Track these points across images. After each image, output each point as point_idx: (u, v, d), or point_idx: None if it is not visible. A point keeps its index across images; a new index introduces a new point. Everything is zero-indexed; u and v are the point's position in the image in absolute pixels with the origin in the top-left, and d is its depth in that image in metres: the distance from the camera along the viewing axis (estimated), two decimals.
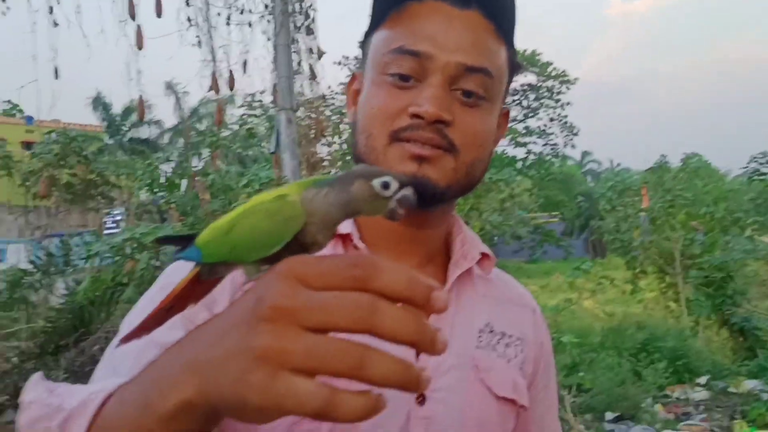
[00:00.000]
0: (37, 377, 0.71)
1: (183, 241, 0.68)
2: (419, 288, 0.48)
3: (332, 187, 0.61)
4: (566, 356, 7.69)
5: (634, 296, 13.37)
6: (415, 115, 0.91)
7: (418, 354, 0.91)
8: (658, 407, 7.61)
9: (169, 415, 0.53)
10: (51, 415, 0.65)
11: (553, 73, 36.73)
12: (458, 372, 0.97)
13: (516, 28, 1.01)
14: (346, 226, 0.98)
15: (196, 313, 0.75)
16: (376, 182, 0.60)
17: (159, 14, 4.71)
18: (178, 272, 0.86)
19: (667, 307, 12.27)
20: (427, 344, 0.48)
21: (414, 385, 0.47)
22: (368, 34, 1.02)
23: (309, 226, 0.60)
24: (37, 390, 0.69)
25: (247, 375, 0.47)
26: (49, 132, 11.15)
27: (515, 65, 1.02)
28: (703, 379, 8.74)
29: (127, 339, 0.68)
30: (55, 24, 5.17)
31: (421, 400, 0.93)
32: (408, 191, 0.62)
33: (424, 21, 0.94)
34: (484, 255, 1.06)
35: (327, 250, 0.94)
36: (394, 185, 0.61)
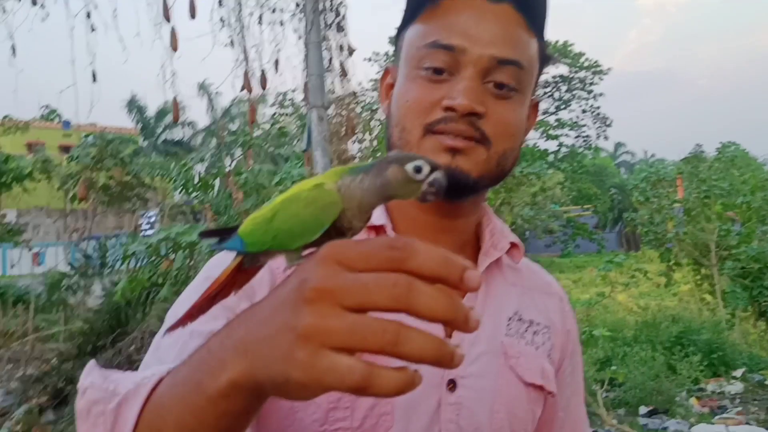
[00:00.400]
0: (92, 364, 0.76)
1: (224, 234, 0.71)
2: (453, 267, 0.50)
3: (367, 174, 0.64)
4: (599, 350, 7.63)
5: (669, 289, 13.19)
6: (449, 108, 0.94)
7: (450, 334, 0.96)
8: (692, 401, 7.52)
9: (220, 394, 0.56)
10: (107, 399, 0.70)
11: (586, 64, 36.30)
12: (488, 359, 1.00)
13: (547, 20, 1.03)
14: (379, 218, 1.02)
15: (236, 303, 0.78)
16: (409, 166, 0.63)
17: (193, 15, 4.81)
18: (219, 264, 0.89)
19: (702, 300, 12.09)
20: (461, 322, 0.50)
21: (448, 361, 0.50)
22: (402, 29, 1.05)
23: (346, 211, 0.63)
24: (92, 376, 0.73)
25: (292, 353, 0.50)
26: (87, 135, 11.38)
27: (546, 57, 1.04)
28: (738, 372, 8.61)
29: (174, 327, 0.72)
30: (93, 29, 5.31)
31: (452, 386, 0.96)
32: (439, 174, 0.65)
33: (458, 15, 0.96)
34: (513, 244, 1.08)
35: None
36: (426, 169, 0.64)
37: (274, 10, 4.90)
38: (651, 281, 13.72)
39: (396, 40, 1.07)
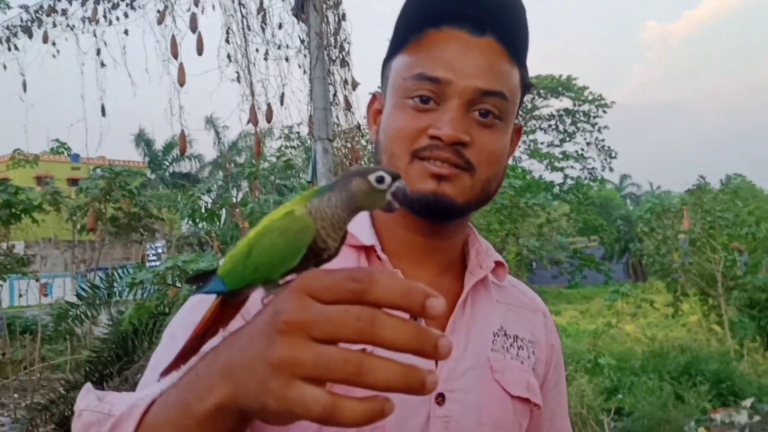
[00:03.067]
0: (87, 387, 0.79)
1: (204, 278, 0.72)
2: (414, 296, 0.51)
3: (333, 191, 0.65)
4: (605, 379, 7.58)
5: (677, 320, 13.12)
6: (435, 137, 0.98)
7: (437, 362, 0.99)
8: (701, 431, 7.45)
9: (207, 416, 0.59)
10: (101, 420, 0.74)
11: (590, 98, 36.53)
12: (475, 373, 1.04)
13: (528, 49, 1.07)
14: (369, 238, 1.05)
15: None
16: (372, 177, 0.65)
17: (200, 52, 4.93)
18: (202, 303, 0.85)
19: (710, 330, 12.03)
20: (429, 351, 0.50)
21: (418, 388, 0.50)
22: (388, 59, 1.09)
23: (320, 231, 0.64)
24: (88, 398, 0.77)
25: (267, 382, 0.52)
26: (95, 168, 11.51)
27: (528, 85, 1.08)
28: (748, 402, 8.52)
29: (167, 372, 0.72)
30: (103, 65, 5.48)
31: (441, 400, 0.99)
32: (401, 183, 0.66)
33: (443, 48, 1.00)
34: (497, 263, 1.12)
35: (352, 262, 1.03)
36: (388, 179, 0.65)
37: (279, 47, 5.00)
38: (658, 312, 13.66)
39: (383, 69, 1.11)
